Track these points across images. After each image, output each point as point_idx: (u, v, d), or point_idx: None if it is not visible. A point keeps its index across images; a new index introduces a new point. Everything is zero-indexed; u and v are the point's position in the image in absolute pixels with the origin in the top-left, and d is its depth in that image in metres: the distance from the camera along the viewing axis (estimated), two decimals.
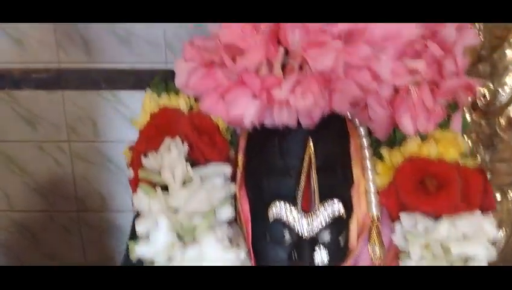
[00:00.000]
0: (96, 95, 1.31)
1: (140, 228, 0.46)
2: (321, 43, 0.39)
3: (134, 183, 0.49)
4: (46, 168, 1.39)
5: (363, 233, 0.54)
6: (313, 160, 0.47)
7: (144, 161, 0.48)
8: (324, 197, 0.48)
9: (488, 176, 0.73)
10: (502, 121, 0.72)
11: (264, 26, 0.40)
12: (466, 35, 0.50)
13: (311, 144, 0.47)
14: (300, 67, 0.43)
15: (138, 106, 0.84)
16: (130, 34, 1.25)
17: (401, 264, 0.54)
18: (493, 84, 0.70)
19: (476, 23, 0.66)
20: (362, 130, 0.55)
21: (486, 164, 0.74)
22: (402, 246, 0.53)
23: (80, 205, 1.44)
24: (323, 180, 0.48)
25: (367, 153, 0.55)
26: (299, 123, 0.46)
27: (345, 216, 0.49)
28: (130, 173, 0.52)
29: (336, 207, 0.48)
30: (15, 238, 1.52)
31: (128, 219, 1.43)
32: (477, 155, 0.73)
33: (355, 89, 0.42)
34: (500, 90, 0.70)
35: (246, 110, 0.43)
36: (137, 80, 0.67)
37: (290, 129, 0.47)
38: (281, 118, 0.43)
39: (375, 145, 0.56)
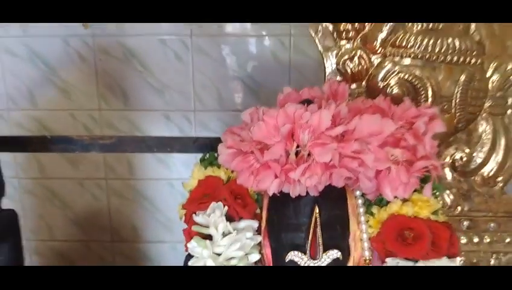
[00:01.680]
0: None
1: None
2: (322, 144, 0.60)
3: (188, 233, 0.69)
4: (85, 202, 1.58)
5: None
6: (318, 220, 0.67)
7: (195, 218, 0.69)
8: (326, 248, 0.67)
9: (467, 223, 0.92)
10: (477, 179, 0.90)
11: (284, 129, 0.61)
12: (434, 126, 0.70)
13: (317, 208, 0.67)
14: (308, 155, 0.64)
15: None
16: (162, 85, 1.45)
17: None
18: (469, 150, 0.89)
19: (453, 104, 0.86)
20: (358, 193, 0.75)
21: (466, 213, 0.92)
22: None
23: (114, 235, 1.62)
24: (326, 235, 0.67)
25: (361, 210, 0.75)
26: (307, 193, 0.66)
27: (341, 259, 0.69)
28: (184, 225, 0.72)
29: (335, 255, 0.68)
30: (54, 265, 1.66)
31: (158, 250, 1.57)
32: (458, 207, 0.91)
33: (347, 172, 0.62)
34: (474, 154, 0.89)
35: (270, 185, 0.63)
36: (182, 146, 0.88)
37: (301, 197, 0.67)
38: (295, 191, 0.64)
39: (368, 204, 0.76)
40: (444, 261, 0.71)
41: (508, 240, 0.92)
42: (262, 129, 0.62)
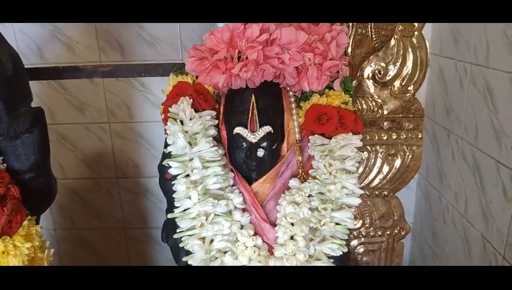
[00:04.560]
0: (129, 85, 1.76)
1: (169, 141, 0.99)
2: (252, 47, 0.92)
3: (166, 119, 1.02)
4: (91, 144, 1.87)
5: (292, 148, 1.07)
6: (255, 106, 1.00)
7: (170, 109, 1.02)
8: (261, 124, 1.00)
9: (387, 123, 1.24)
10: (393, 88, 1.22)
11: (225, 36, 0.93)
12: (339, 37, 1.02)
13: (254, 97, 1.00)
14: (246, 58, 0.96)
15: (159, 92, 1.26)
16: (154, 38, 1.73)
17: (312, 163, 1.05)
18: (385, 64, 1.20)
19: (369, 28, 1.17)
20: (291, 94, 1.08)
21: (386, 116, 1.24)
22: (312, 153, 1.05)
23: (119, 172, 1.92)
24: (261, 117, 1.00)
25: (293, 105, 1.08)
26: (247, 86, 0.98)
27: (273, 132, 1.01)
28: (163, 116, 1.05)
29: (267, 129, 1.01)
30: (68, 201, 1.98)
31: (156, 183, 1.87)
32: (379, 110, 1.23)
33: (271, 68, 0.95)
34: (389, 68, 1.21)
35: (219, 80, 0.96)
36: (164, 70, 1.19)
37: (244, 90, 0.99)
38: (236, 83, 0.96)
39: (298, 101, 1.08)
40: (348, 136, 1.03)
41: (420, 136, 1.24)
42: (212, 40, 0.95)
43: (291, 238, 0.99)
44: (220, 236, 0.97)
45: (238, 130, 1.00)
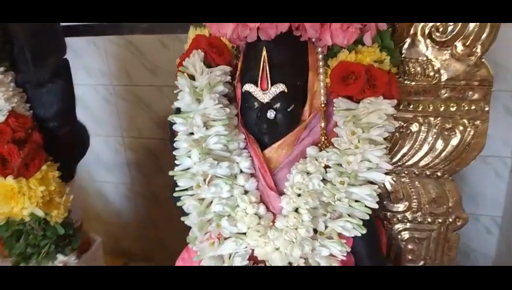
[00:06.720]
0: None
1: (179, 96, 0.92)
2: None
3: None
4: (164, 105, 1.92)
5: (315, 111, 0.93)
6: (266, 60, 0.87)
7: (183, 63, 0.95)
8: (274, 82, 0.88)
9: (445, 91, 1.03)
10: (454, 49, 1.01)
11: None
12: None
13: (265, 51, 0.88)
14: None
15: None
16: None
17: (336, 130, 0.91)
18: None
19: None
20: (319, 50, 0.94)
21: (446, 82, 1.02)
22: (336, 118, 0.91)
23: None
24: (274, 73, 0.88)
25: (320, 63, 0.94)
26: (260, 39, 0.87)
27: (287, 92, 0.88)
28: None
29: (280, 87, 0.88)
30: (143, 158, 2.08)
31: None
32: (436, 75, 1.02)
33: None
34: (449, 25, 0.99)
35: (227, 30, 0.86)
36: None
37: (257, 43, 0.88)
38: (246, 33, 0.85)
39: (326, 58, 0.94)
40: (379, 100, 0.87)
41: (486, 108, 1.01)
42: None
43: (296, 210, 0.88)
44: (218, 199, 0.89)
45: (247, 87, 0.90)
